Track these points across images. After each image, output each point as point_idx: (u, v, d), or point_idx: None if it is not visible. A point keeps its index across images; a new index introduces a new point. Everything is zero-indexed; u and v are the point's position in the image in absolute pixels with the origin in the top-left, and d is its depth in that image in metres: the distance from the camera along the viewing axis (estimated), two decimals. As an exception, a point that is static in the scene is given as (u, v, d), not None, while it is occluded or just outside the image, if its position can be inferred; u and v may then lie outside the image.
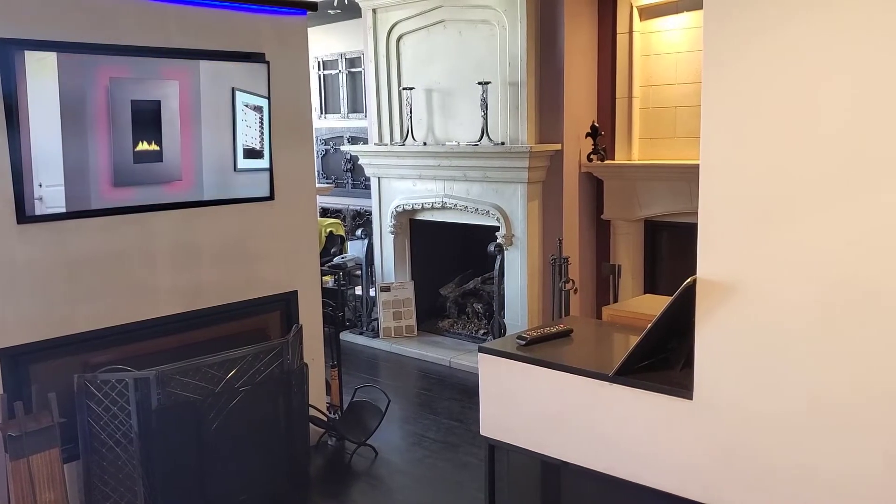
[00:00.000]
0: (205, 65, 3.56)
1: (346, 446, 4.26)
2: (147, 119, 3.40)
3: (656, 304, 2.32)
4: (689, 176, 5.01)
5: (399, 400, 5.03)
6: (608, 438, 2.28)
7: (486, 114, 5.58)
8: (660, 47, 5.42)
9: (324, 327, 4.37)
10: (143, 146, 3.41)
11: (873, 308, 1.77)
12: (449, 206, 6.05)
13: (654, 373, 2.24)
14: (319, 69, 8.10)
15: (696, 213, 2.03)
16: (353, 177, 7.91)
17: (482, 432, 2.60)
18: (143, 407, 3.11)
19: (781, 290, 1.90)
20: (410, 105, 6.09)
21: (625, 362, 2.21)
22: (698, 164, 2.00)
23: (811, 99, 1.81)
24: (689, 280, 2.06)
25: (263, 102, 3.79)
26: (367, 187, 6.90)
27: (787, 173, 1.86)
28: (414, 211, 6.38)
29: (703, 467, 2.09)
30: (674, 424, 2.14)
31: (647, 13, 5.43)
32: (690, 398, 2.09)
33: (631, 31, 5.46)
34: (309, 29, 4.19)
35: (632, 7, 5.43)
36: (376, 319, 6.42)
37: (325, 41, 7.89)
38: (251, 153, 3.80)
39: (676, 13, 5.30)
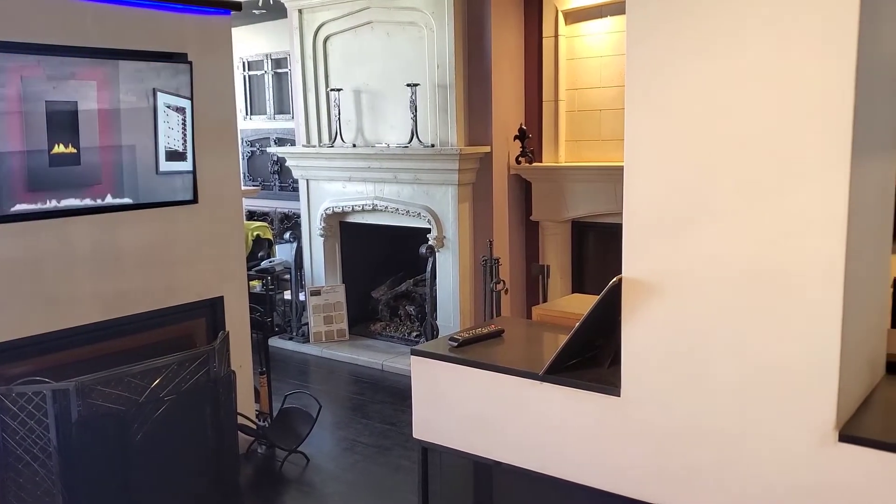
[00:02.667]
0: (124, 65, 3.44)
1: (277, 454, 4.19)
2: (63, 121, 3.26)
3: (584, 303, 2.35)
4: (614, 177, 5.12)
5: (331, 405, 4.98)
6: (539, 437, 2.30)
7: (415, 116, 5.57)
8: (585, 51, 5.52)
9: (252, 333, 4.28)
10: (60, 149, 3.28)
11: (788, 302, 1.83)
12: (380, 208, 6.02)
13: (584, 371, 2.27)
14: (244, 70, 7.96)
15: (621, 214, 2.06)
16: (280, 179, 7.79)
17: (415, 435, 2.59)
18: (63, 420, 2.98)
19: (702, 287, 1.95)
20: (339, 106, 6.04)
21: (554, 361, 2.23)
22: (622, 166, 2.04)
23: (727, 103, 1.87)
24: (614, 279, 2.10)
25: (186, 104, 3.69)
26: (295, 189, 6.81)
27: (706, 175, 1.91)
28: (344, 213, 6.32)
29: (633, 463, 2.13)
30: (603, 421, 2.17)
31: (572, 17, 5.53)
32: (618, 395, 2.12)
33: (556, 35, 5.54)
34: (233, 29, 4.11)
35: (557, 11, 5.51)
36: (306, 324, 6.33)
37: (251, 41, 7.75)
38: (174, 155, 3.70)
39: (600, 17, 5.40)
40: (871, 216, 1.96)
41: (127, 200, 3.54)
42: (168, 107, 3.63)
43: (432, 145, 5.58)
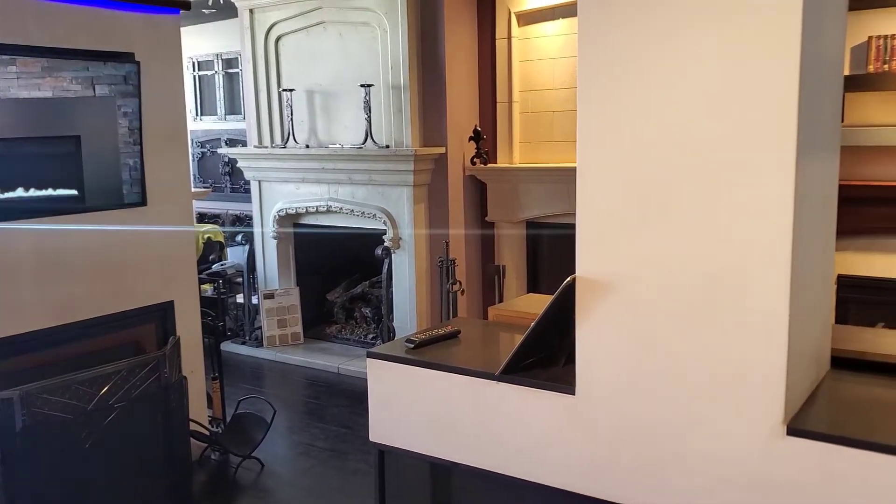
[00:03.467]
0: (69, 64, 3.35)
1: (231, 460, 4.13)
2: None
3: (540, 303, 2.36)
4: (567, 178, 5.16)
5: (285, 410, 4.92)
6: (496, 437, 2.30)
7: (369, 116, 5.55)
8: (538, 53, 5.56)
9: (203, 338, 4.22)
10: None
11: (737, 301, 1.87)
12: (334, 209, 5.98)
13: (539, 370, 2.28)
14: (194, 70, 7.83)
15: (575, 214, 2.08)
16: (231, 180, 7.68)
17: (371, 438, 2.58)
18: (6, 429, 2.89)
19: (654, 286, 1.98)
20: (291, 107, 5.98)
21: (510, 361, 2.24)
22: (575, 167, 2.06)
23: (676, 106, 1.90)
24: (568, 279, 2.11)
25: (134, 104, 3.61)
26: (247, 191, 6.72)
27: (657, 176, 1.94)
28: (297, 215, 6.26)
29: (588, 461, 2.15)
30: (558, 420, 2.19)
31: (525, 19, 5.56)
32: (573, 393, 2.14)
33: (510, 37, 5.57)
34: (183, 28, 4.03)
35: (510, 13, 5.54)
36: (259, 328, 6.26)
37: (201, 41, 7.63)
38: (121, 156, 3.61)
39: (553, 20, 5.45)
40: (815, 215, 2.02)
41: (73, 203, 3.44)
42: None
43: (387, 146, 5.56)
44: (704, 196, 1.88)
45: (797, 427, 1.84)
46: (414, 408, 2.46)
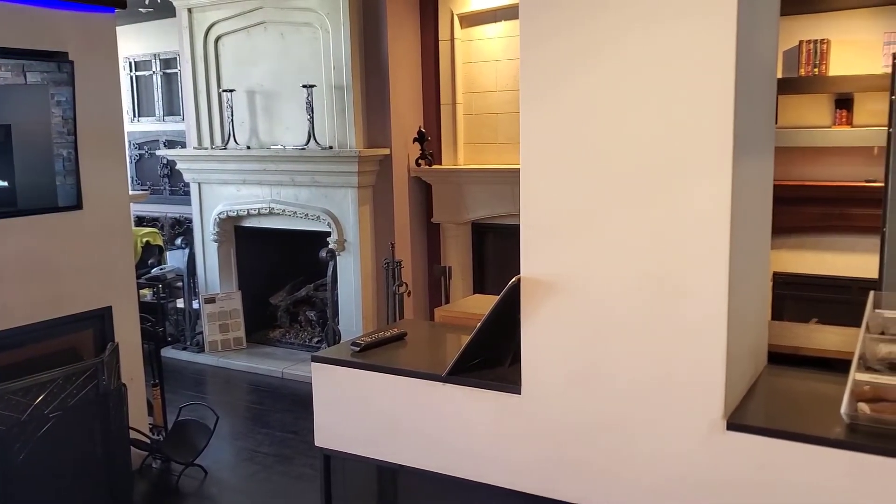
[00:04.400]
0: (-3, 62, 3.24)
1: (173, 468, 4.04)
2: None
3: (485, 304, 2.38)
4: (511, 179, 5.19)
5: (229, 416, 4.84)
6: (443, 438, 2.30)
7: (312, 117, 5.49)
8: (481, 55, 5.59)
9: (143, 344, 4.12)
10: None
11: (678, 300, 1.91)
12: (276, 211, 5.90)
13: (485, 370, 2.29)
14: (131, 70, 7.64)
15: (520, 215, 2.10)
16: (170, 183, 7.52)
17: (317, 443, 2.55)
18: (-67, 444, 2.78)
19: (597, 286, 2.00)
20: (231, 108, 5.88)
21: (457, 362, 2.24)
22: (519, 169, 2.07)
23: (616, 109, 1.93)
24: (513, 279, 2.13)
25: (67, 93, 3.50)
26: (187, 193, 6.58)
27: (599, 178, 1.97)
28: (239, 217, 6.16)
29: (534, 460, 2.16)
30: (505, 420, 2.20)
31: (468, 21, 5.59)
32: (519, 393, 2.16)
33: (452, 39, 5.59)
34: (119, 28, 3.93)
35: (452, 15, 5.56)
36: (201, 333, 6.14)
37: (137, 41, 7.45)
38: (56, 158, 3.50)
39: (495, 22, 5.49)
40: (752, 214, 2.07)
41: (4, 206, 3.32)
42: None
43: (330, 147, 5.52)
44: (645, 197, 1.92)
45: (736, 422, 1.89)
46: (360, 411, 2.44)
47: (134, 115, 7.70)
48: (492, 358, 2.33)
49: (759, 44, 2.02)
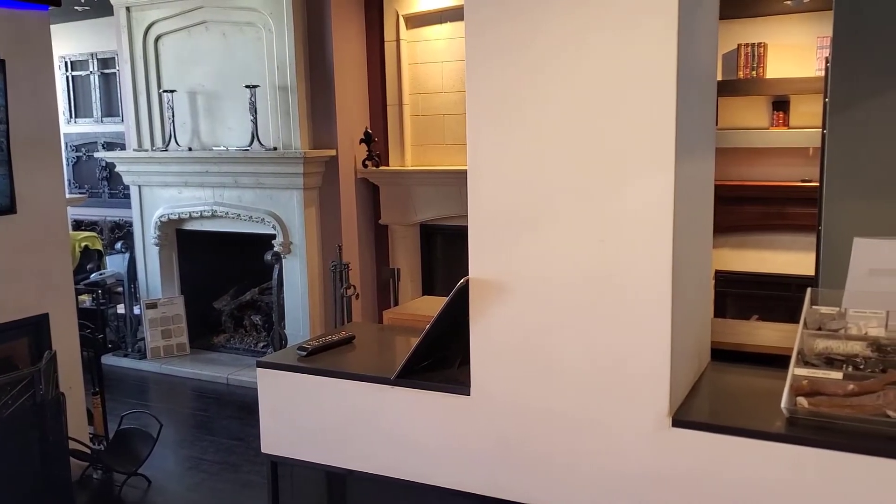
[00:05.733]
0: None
1: (115, 478, 3.93)
2: None
3: (434, 305, 2.37)
4: (459, 181, 5.20)
5: (172, 423, 4.73)
6: (393, 442, 2.29)
7: (255, 118, 5.42)
8: (426, 56, 5.59)
9: (82, 351, 4.00)
10: None
11: (623, 299, 1.93)
12: (220, 214, 5.80)
13: (435, 372, 2.28)
14: (67, 70, 7.42)
15: (467, 217, 2.10)
16: (109, 185, 7.33)
17: (263, 449, 2.51)
18: None
19: (544, 286, 2.01)
20: (172, 109, 5.76)
21: (406, 364, 2.23)
22: (467, 170, 2.07)
23: (560, 111, 1.94)
24: (462, 280, 2.12)
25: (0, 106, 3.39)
26: (127, 196, 6.42)
27: (545, 178, 1.98)
28: (181, 220, 6.04)
29: (484, 461, 2.16)
30: (454, 421, 2.19)
31: (413, 22, 5.58)
32: (468, 394, 2.15)
33: (398, 40, 5.57)
34: (53, 26, 3.81)
35: (398, 15, 5.55)
36: (143, 339, 5.99)
37: (74, 40, 7.24)
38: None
39: (440, 23, 5.49)
40: (694, 213, 2.11)
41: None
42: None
43: (274, 148, 5.45)
44: (590, 197, 1.94)
45: (681, 418, 1.92)
46: (307, 417, 2.41)
47: (71, 117, 7.48)
48: (441, 359, 2.32)
49: (699, 47, 2.06)
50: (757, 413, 1.93)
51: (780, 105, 5.04)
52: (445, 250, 5.82)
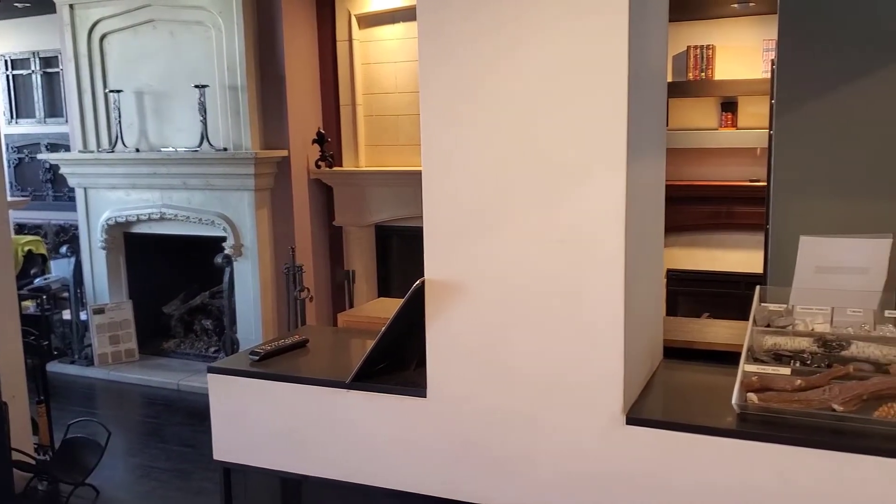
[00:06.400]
0: None
1: (62, 489, 3.82)
2: None
3: (390, 307, 2.35)
4: (414, 182, 5.17)
5: (122, 432, 4.63)
6: (349, 446, 2.26)
7: (205, 118, 5.32)
8: (380, 56, 5.56)
9: (26, 359, 3.88)
10: None
11: (577, 299, 1.94)
12: (169, 216, 5.69)
13: (391, 375, 2.26)
14: (7, 69, 7.20)
15: (422, 218, 2.08)
16: (54, 188, 7.14)
17: (215, 456, 2.46)
18: None
19: (500, 287, 2.01)
20: (119, 109, 5.63)
21: (361, 367, 2.21)
22: (421, 171, 2.06)
23: (514, 114, 1.94)
24: (418, 282, 2.11)
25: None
26: (72, 199, 6.26)
27: (499, 180, 1.98)
28: (129, 223, 5.91)
29: (441, 462, 2.15)
30: (411, 423, 2.18)
31: (366, 22, 5.54)
32: (425, 396, 2.14)
33: (350, 39, 5.53)
34: (-10, 22, 3.69)
35: (350, 15, 5.51)
36: (90, 346, 5.84)
37: (14, 38, 7.03)
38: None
39: (393, 23, 5.47)
40: (646, 214, 2.13)
41: None
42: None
43: (225, 149, 5.36)
44: (543, 199, 1.94)
45: (635, 416, 1.94)
46: (260, 422, 2.37)
47: (11, 117, 7.27)
48: (397, 362, 2.31)
49: (650, 49, 2.08)
50: (709, 409, 1.96)
51: (729, 106, 5.14)
52: (401, 252, 5.80)
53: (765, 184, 3.88)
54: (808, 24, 2.82)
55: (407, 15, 5.35)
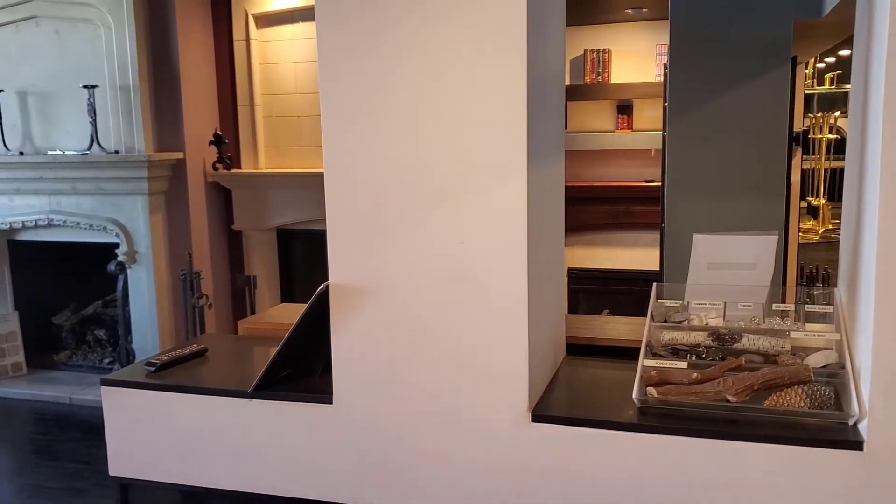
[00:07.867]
0: None
1: (-61, 517, 3.57)
2: None
3: (294, 313, 2.30)
4: (317, 184, 5.09)
5: (9, 450, 4.36)
6: (253, 456, 2.20)
7: (94, 120, 5.08)
8: (279, 56, 5.45)
9: None
10: None
11: (481, 300, 1.95)
12: (57, 223, 5.40)
13: (296, 382, 2.22)
14: None
15: (326, 220, 2.05)
16: (-72, 194, 6.65)
17: (111, 472, 2.36)
18: None
19: (405, 289, 2.00)
20: (0, 110, 5.30)
21: (264, 376, 2.16)
22: (324, 173, 2.03)
23: (416, 116, 1.94)
24: (322, 286, 2.08)
25: None
26: (-51, 206, 5.86)
27: (403, 182, 1.97)
28: (12, 231, 5.57)
29: (348, 470, 2.12)
30: (317, 431, 2.14)
31: (264, 21, 5.43)
32: (331, 402, 2.11)
33: (248, 39, 5.41)
34: None
35: (247, 14, 5.38)
36: (-28, 360, 5.48)
37: None
38: None
39: (292, 23, 5.37)
40: (546, 214, 2.17)
41: None
42: None
43: (116, 152, 5.13)
44: (446, 201, 1.94)
45: (540, 413, 1.97)
46: (158, 435, 2.28)
47: None
48: (303, 369, 2.26)
49: (548, 53, 2.12)
50: (611, 404, 2.01)
51: (625, 109, 5.31)
52: (304, 255, 5.70)
53: (660, 184, 4.03)
54: (696, 30, 2.94)
55: (306, 15, 5.27)
